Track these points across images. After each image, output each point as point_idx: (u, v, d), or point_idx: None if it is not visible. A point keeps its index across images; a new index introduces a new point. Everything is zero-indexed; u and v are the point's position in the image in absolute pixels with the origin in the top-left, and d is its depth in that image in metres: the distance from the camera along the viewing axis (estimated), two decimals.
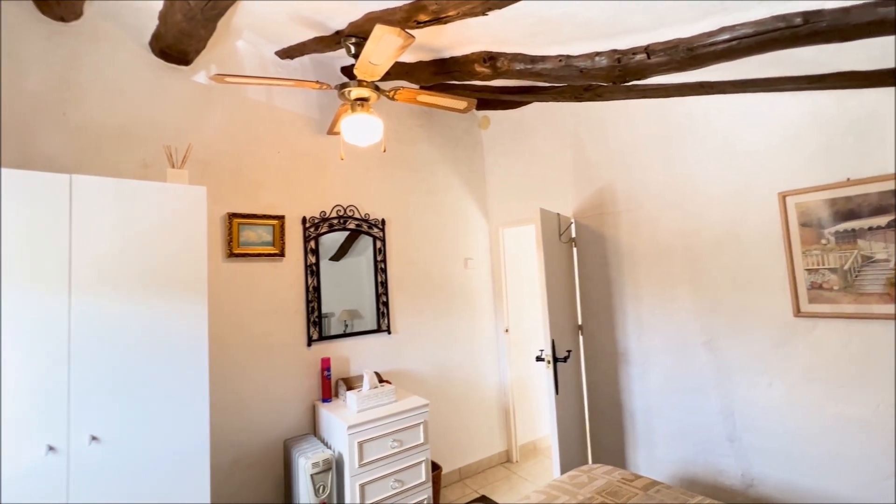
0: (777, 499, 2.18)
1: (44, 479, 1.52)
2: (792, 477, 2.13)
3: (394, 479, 2.40)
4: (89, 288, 1.65)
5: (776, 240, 2.16)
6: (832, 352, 2.02)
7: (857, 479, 1.95)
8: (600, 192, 2.93)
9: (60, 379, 1.58)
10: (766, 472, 2.22)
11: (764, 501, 2.21)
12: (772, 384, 2.20)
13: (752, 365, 2.26)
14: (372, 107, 2.09)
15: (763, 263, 2.22)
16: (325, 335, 2.77)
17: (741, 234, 2.29)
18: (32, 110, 2.02)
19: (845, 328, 1.98)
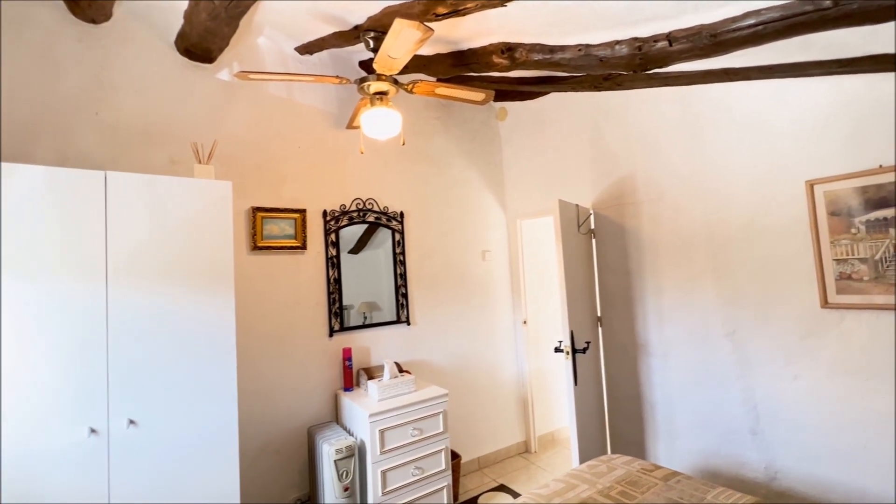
0: (801, 492, 2.15)
1: (88, 458, 1.61)
2: (817, 470, 2.10)
3: (414, 466, 2.45)
4: (124, 279, 1.73)
5: (803, 229, 2.11)
6: (861, 344, 1.97)
7: (884, 473, 1.91)
8: (620, 182, 2.90)
9: (100, 365, 1.66)
10: (791, 465, 2.19)
11: (788, 494, 2.19)
12: (797, 376, 2.16)
13: (777, 357, 2.23)
14: (390, 100, 2.11)
15: (789, 254, 2.17)
16: (346, 326, 2.83)
17: (766, 224, 2.24)
18: (68, 110, 2.11)
19: (875, 320, 1.93)
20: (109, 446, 1.66)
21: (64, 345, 1.60)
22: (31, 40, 2.04)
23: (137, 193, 1.79)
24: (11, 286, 1.53)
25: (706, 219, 2.48)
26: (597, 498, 1.75)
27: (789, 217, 2.16)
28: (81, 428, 1.61)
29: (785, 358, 2.20)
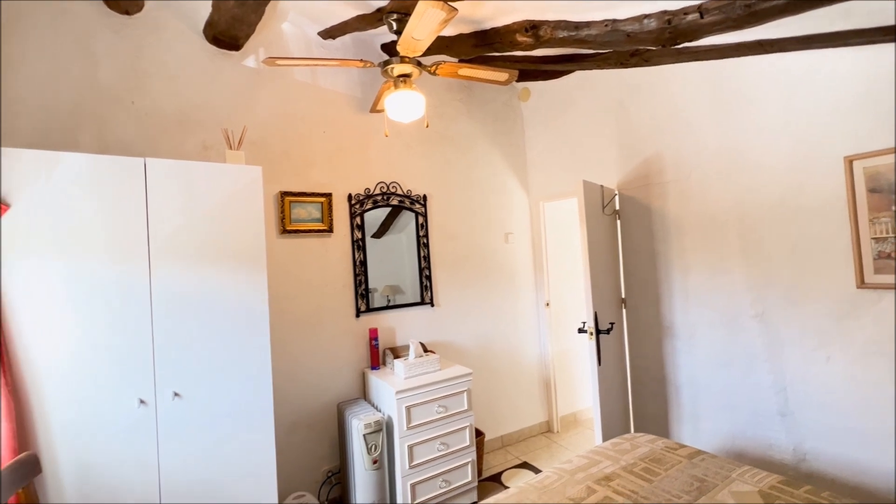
0: (831, 474, 2.12)
1: (139, 426, 1.74)
2: (848, 452, 2.07)
3: (439, 441, 2.53)
4: (165, 260, 1.83)
5: (840, 207, 2.04)
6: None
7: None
8: (646, 162, 2.85)
9: (146, 341, 1.77)
10: (820, 448, 2.16)
11: (817, 476, 2.16)
12: (830, 358, 2.12)
13: (809, 338, 2.18)
14: (414, 83, 2.12)
15: (824, 233, 2.10)
16: (371, 307, 2.90)
17: (801, 203, 2.17)
18: (106, 99, 2.20)
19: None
20: (157, 416, 1.78)
21: (114, 322, 1.71)
22: (69, 33, 2.13)
23: (174, 179, 1.87)
24: (64, 267, 1.64)
25: (737, 198, 2.41)
26: (620, 473, 1.78)
27: (826, 195, 2.09)
28: (132, 398, 1.73)
29: (817, 339, 2.15)
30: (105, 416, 1.68)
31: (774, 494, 1.57)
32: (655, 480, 1.71)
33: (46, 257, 1.61)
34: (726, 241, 2.47)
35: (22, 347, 1.56)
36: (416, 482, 2.44)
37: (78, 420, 1.64)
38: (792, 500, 1.52)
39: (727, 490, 1.62)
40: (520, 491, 1.72)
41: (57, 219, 1.64)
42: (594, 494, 1.64)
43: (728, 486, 1.64)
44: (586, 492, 1.67)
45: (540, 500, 1.63)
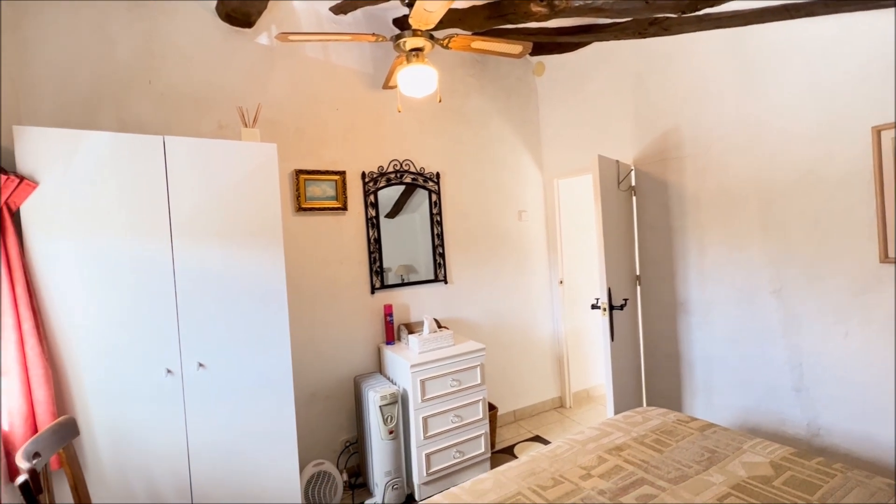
0: (845, 448, 2.12)
1: (166, 394, 1.82)
2: (863, 428, 2.06)
3: (453, 414, 2.59)
4: (186, 237, 1.88)
5: (866, 179, 1.98)
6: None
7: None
8: (664, 136, 2.78)
9: (171, 314, 1.84)
10: (835, 423, 2.15)
11: (830, 451, 2.16)
12: (848, 334, 2.09)
13: (827, 314, 2.15)
14: (426, 57, 2.10)
15: (847, 206, 2.05)
16: (386, 284, 2.94)
17: (824, 176, 2.11)
18: (123, 79, 2.24)
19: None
20: (184, 385, 1.86)
21: (140, 296, 1.78)
22: (86, 15, 2.15)
23: (192, 157, 1.91)
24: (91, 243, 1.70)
25: (756, 172, 2.36)
26: (631, 444, 1.81)
27: (850, 167, 2.03)
28: (160, 368, 1.81)
29: (835, 315, 2.12)
30: (135, 384, 1.77)
31: (785, 465, 1.58)
32: (666, 451, 1.74)
33: (74, 233, 1.68)
34: (745, 215, 2.42)
35: (56, 320, 1.64)
36: (430, 452, 2.51)
37: (110, 388, 1.73)
38: (803, 471, 1.54)
39: (738, 461, 1.63)
40: (531, 459, 1.77)
41: (82, 196, 1.70)
42: (605, 463, 1.68)
43: (739, 456, 1.66)
44: (597, 461, 1.70)
45: (551, 467, 1.67)
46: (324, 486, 2.43)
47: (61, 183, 1.66)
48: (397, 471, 2.47)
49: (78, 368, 1.68)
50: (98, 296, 1.71)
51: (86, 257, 1.69)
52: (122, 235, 1.75)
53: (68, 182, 1.67)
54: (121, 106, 2.23)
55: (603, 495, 1.48)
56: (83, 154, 1.70)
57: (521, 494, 1.51)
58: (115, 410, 1.74)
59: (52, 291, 1.64)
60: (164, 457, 1.83)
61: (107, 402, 1.72)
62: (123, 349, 1.75)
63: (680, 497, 1.44)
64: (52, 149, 1.65)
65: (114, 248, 1.74)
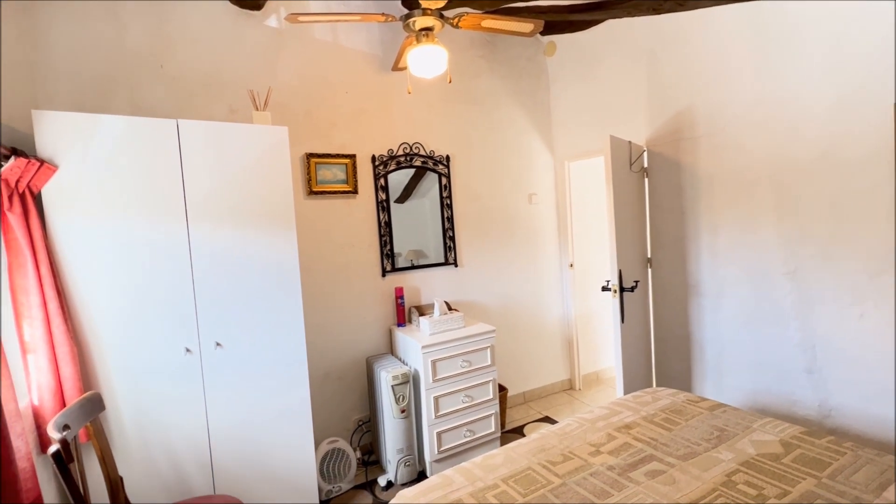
0: (857, 429, 2.12)
1: (186, 372, 1.88)
2: (875, 409, 2.05)
3: (464, 394, 2.63)
4: (201, 220, 1.91)
5: (886, 160, 1.94)
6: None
7: None
8: (677, 116, 2.74)
9: (188, 295, 1.89)
10: (847, 404, 2.15)
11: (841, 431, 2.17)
12: (863, 315, 2.07)
13: (842, 296, 2.13)
14: (436, 36, 2.07)
15: (865, 186, 2.01)
16: (396, 267, 2.97)
17: (842, 157, 2.07)
18: (135, 64, 2.25)
19: None
20: (202, 364, 1.91)
21: (158, 277, 1.83)
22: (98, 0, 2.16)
23: (206, 140, 1.93)
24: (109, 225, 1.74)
25: (772, 153, 2.31)
26: (640, 423, 1.83)
27: (869, 147, 1.98)
28: (179, 347, 1.86)
29: (851, 297, 2.10)
30: (156, 362, 1.83)
31: (795, 444, 1.59)
32: (675, 429, 1.76)
33: (93, 215, 1.72)
34: (759, 196, 2.39)
35: (79, 299, 1.70)
36: (441, 431, 2.56)
37: (132, 365, 1.79)
38: (813, 449, 1.55)
39: (747, 439, 1.65)
40: (541, 436, 1.80)
41: (101, 178, 1.73)
42: (614, 441, 1.70)
43: (749, 435, 1.67)
44: (606, 438, 1.73)
45: (561, 444, 1.70)
46: (338, 462, 2.50)
47: (80, 166, 1.70)
48: (409, 449, 2.53)
49: (102, 347, 1.73)
50: (118, 276, 1.76)
51: (105, 238, 1.74)
52: (139, 217, 1.79)
53: (87, 165, 1.71)
54: (133, 90, 2.25)
55: (612, 470, 1.50)
56: (100, 137, 1.73)
57: (531, 469, 1.54)
58: (138, 387, 1.80)
59: (75, 272, 1.69)
60: (186, 432, 1.89)
61: (130, 380, 1.78)
62: (144, 328, 1.81)
63: (688, 472, 1.46)
64: (70, 132, 1.68)
65: (132, 229, 1.78)
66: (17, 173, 1.53)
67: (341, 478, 2.49)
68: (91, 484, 1.64)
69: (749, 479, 1.39)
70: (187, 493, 1.89)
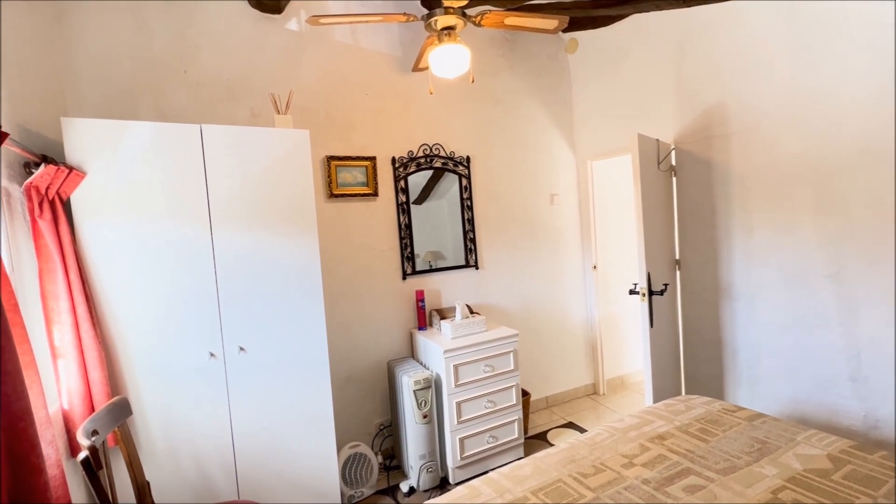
0: None
1: (210, 377, 1.88)
2: None
3: (486, 399, 2.58)
4: (224, 223, 1.91)
5: None
6: None
7: None
8: (707, 112, 2.63)
9: (212, 299, 1.89)
10: None
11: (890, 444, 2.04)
12: None
13: (890, 298, 2.01)
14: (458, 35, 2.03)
15: None
16: (417, 270, 2.94)
17: (888, 149, 1.95)
18: (160, 70, 2.27)
19: None
20: (226, 368, 1.91)
21: (182, 282, 1.83)
22: (124, 8, 2.19)
23: (228, 144, 1.93)
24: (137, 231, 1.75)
25: (812, 147, 2.20)
26: (674, 433, 1.75)
27: None
28: (203, 352, 1.87)
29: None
30: (181, 367, 1.83)
31: (845, 459, 1.50)
32: (712, 441, 1.68)
33: (121, 221, 1.73)
34: (798, 194, 2.27)
35: (106, 304, 1.71)
36: (464, 437, 2.52)
37: (159, 370, 1.79)
38: (865, 465, 1.45)
39: (791, 453, 1.56)
40: (570, 446, 1.74)
41: (127, 184, 1.74)
42: (647, 452, 1.63)
43: (793, 448, 1.58)
44: (639, 449, 1.66)
45: (591, 454, 1.64)
46: (360, 467, 2.48)
47: (107, 172, 1.71)
48: (431, 454, 2.49)
49: (129, 351, 1.75)
50: (145, 281, 1.77)
51: (131, 244, 1.75)
52: (164, 222, 1.80)
53: (113, 171, 1.72)
54: (158, 96, 2.28)
55: (647, 484, 1.43)
56: (126, 144, 1.74)
57: (562, 482, 1.49)
58: (164, 392, 1.81)
59: (103, 277, 1.71)
60: (211, 436, 1.89)
61: (156, 384, 1.79)
62: (169, 333, 1.81)
63: (730, 488, 1.38)
64: (98, 139, 1.70)
65: (157, 234, 1.79)
66: (46, 180, 1.55)
67: (363, 483, 2.47)
68: (119, 487, 1.65)
69: (797, 498, 1.31)
70: (212, 496, 1.89)
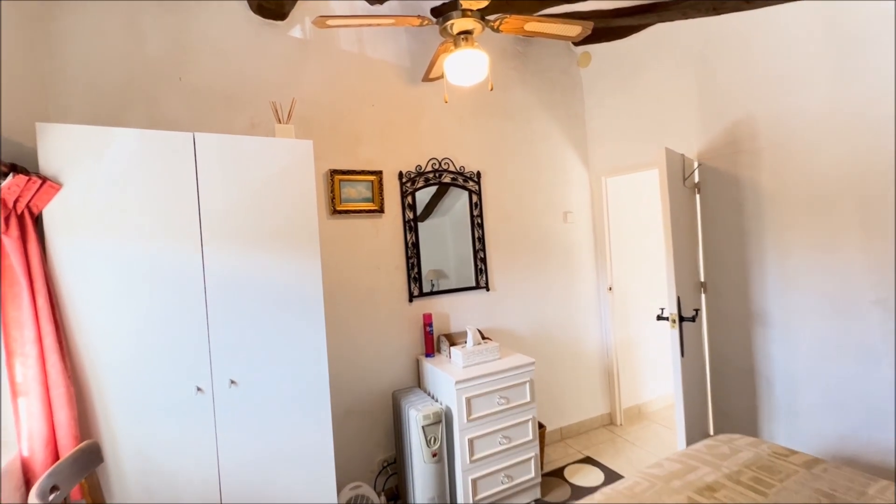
0: None
1: (196, 413, 1.66)
2: None
3: (501, 435, 2.36)
4: (217, 241, 1.72)
5: None
6: None
7: None
8: (734, 126, 2.49)
9: (201, 328, 1.68)
10: None
11: None
12: None
13: None
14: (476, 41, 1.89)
15: None
16: (424, 291, 2.74)
17: None
18: (153, 76, 2.12)
19: None
20: (214, 404, 1.70)
21: (168, 306, 1.63)
22: (116, 9, 2.04)
23: (224, 154, 1.75)
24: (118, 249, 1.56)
25: (854, 165, 2.04)
26: (724, 483, 1.54)
27: None
28: (189, 386, 1.65)
29: None
30: (163, 403, 1.62)
31: None
32: (770, 493, 1.46)
33: (100, 239, 1.54)
34: (840, 213, 2.11)
35: (79, 333, 1.51)
36: (476, 477, 2.29)
37: (137, 408, 1.58)
38: None
39: None
40: (606, 497, 1.52)
41: (109, 198, 1.56)
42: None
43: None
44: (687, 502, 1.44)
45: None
46: None
47: (87, 184, 1.53)
48: (441, 496, 2.26)
49: (103, 387, 1.53)
50: (125, 307, 1.57)
51: (112, 265, 1.55)
52: (150, 241, 1.61)
53: (94, 183, 1.54)
54: (151, 103, 2.11)
55: None
56: (110, 152, 1.57)
57: None
58: (142, 432, 1.59)
59: (76, 302, 1.51)
60: (194, 481, 1.67)
61: (134, 424, 1.57)
62: (151, 365, 1.60)
63: None
64: (77, 147, 1.52)
65: (141, 254, 1.60)
66: (15, 192, 1.36)
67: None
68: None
69: None
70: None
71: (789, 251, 2.30)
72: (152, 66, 2.12)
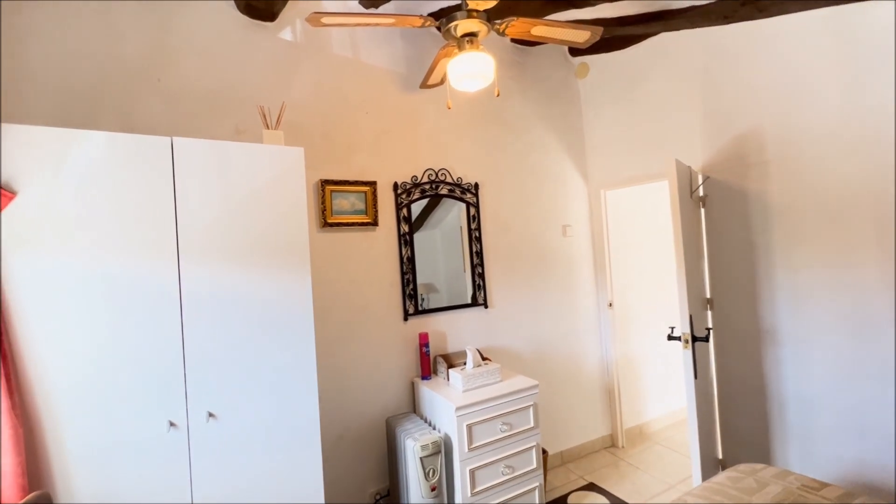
0: None
1: (168, 451, 1.47)
2: None
3: (504, 464, 2.20)
4: (196, 257, 1.55)
5: None
6: None
7: None
8: (741, 139, 2.43)
9: (176, 353, 1.50)
10: None
11: None
12: None
13: None
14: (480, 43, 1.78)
15: None
16: (420, 309, 2.58)
17: None
18: (130, 77, 1.95)
19: None
20: (190, 441, 1.50)
21: (138, 330, 1.45)
22: (90, 5, 1.88)
23: (206, 161, 1.59)
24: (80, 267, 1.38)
25: (869, 178, 1.98)
26: None
27: None
28: (160, 421, 1.46)
29: None
30: (130, 442, 1.42)
31: None
32: None
33: (60, 254, 1.35)
34: (854, 228, 2.04)
35: (32, 363, 1.31)
36: None
37: (99, 449, 1.38)
38: None
39: None
40: None
41: (72, 208, 1.38)
42: None
43: None
44: None
45: None
46: None
47: (46, 192, 1.35)
48: None
49: (58, 426, 1.33)
50: (87, 332, 1.38)
51: (73, 284, 1.36)
52: (118, 256, 1.43)
53: (55, 191, 1.36)
54: (127, 107, 1.94)
55: None
56: (74, 157, 1.39)
57: None
58: (105, 476, 1.38)
59: (30, 327, 1.31)
60: None
61: (95, 468, 1.37)
62: (117, 398, 1.41)
63: None
64: (36, 151, 1.34)
65: (108, 272, 1.41)
66: None
67: None
68: None
69: None
70: None
71: (799, 266, 2.22)
72: (129, 66, 1.95)
